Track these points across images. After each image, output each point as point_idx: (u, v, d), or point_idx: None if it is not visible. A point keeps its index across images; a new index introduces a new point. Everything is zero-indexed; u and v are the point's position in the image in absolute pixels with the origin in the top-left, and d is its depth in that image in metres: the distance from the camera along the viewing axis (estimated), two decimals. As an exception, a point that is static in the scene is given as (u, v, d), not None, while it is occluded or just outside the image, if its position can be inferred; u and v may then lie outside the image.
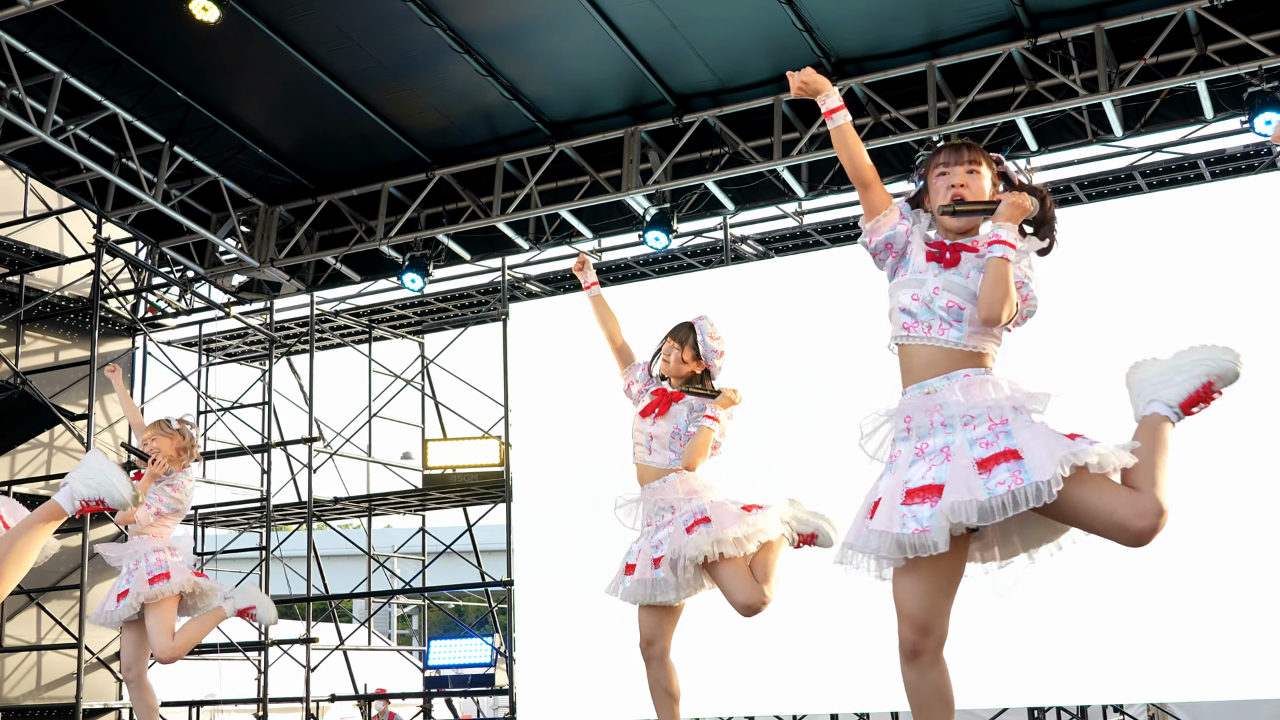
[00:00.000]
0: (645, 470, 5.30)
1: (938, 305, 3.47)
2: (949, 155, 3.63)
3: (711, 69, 9.51)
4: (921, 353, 3.49)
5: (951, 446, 3.32)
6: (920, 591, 3.32)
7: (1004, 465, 3.21)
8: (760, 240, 12.26)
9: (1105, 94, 8.77)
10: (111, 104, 10.07)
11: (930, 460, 3.34)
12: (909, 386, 3.51)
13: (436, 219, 11.13)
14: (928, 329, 3.48)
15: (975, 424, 3.33)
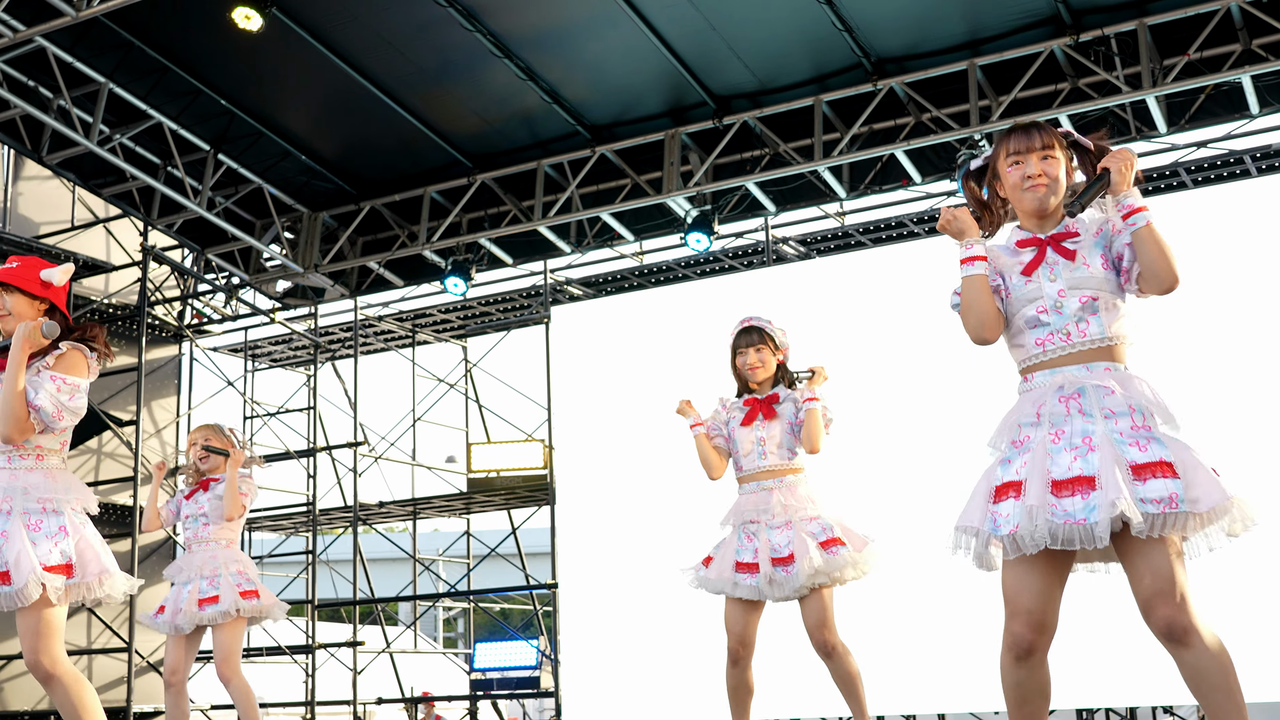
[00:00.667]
0: (757, 473, 5.36)
1: (1070, 307, 3.30)
2: (1020, 142, 3.41)
3: (751, 70, 9.50)
4: (1066, 360, 3.30)
5: (1094, 436, 3.15)
6: (1039, 585, 3.20)
7: (1159, 481, 3.07)
8: (802, 241, 12.23)
9: (1149, 90, 8.69)
10: (156, 113, 10.18)
11: (1072, 449, 3.17)
12: (1038, 374, 3.33)
13: (478, 223, 11.17)
14: (1066, 336, 3.30)
15: (1116, 417, 3.17)
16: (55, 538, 4.16)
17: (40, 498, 4.21)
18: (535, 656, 12.37)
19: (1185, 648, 3.04)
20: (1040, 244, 3.38)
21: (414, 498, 13.90)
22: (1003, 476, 3.25)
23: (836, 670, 5.17)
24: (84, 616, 12.22)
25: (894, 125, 9.63)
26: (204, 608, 6.44)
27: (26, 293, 4.33)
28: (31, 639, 4.13)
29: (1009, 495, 3.20)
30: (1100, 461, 3.10)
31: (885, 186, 10.24)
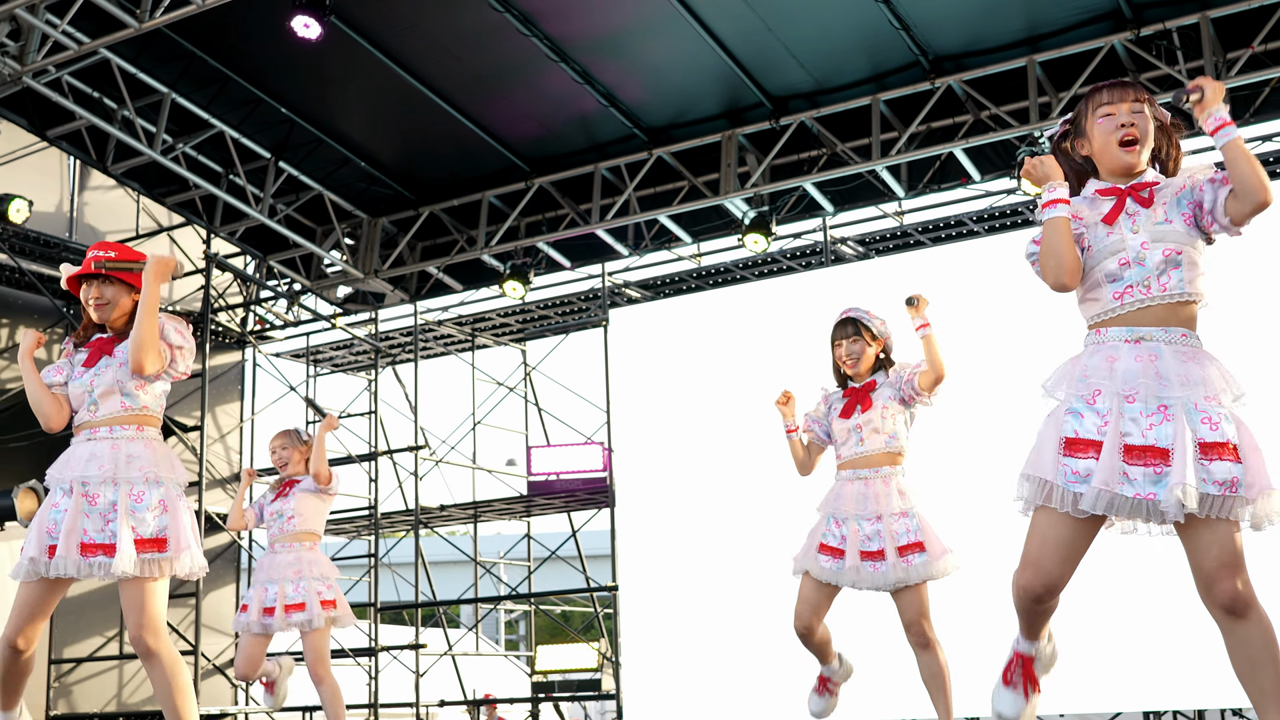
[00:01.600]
0: (854, 460, 5.36)
1: (1153, 260, 3.23)
2: (1112, 94, 3.36)
3: (808, 70, 9.47)
4: (1143, 314, 3.23)
5: (1170, 404, 3.10)
6: (1068, 548, 3.17)
7: (1223, 463, 3.04)
8: (860, 241, 12.17)
9: (1213, 84, 8.56)
10: (218, 122, 10.31)
11: (1147, 416, 3.11)
12: (1111, 328, 3.25)
13: (536, 227, 11.21)
14: (1146, 289, 3.22)
15: (1191, 385, 3.12)
16: (155, 510, 4.24)
17: (143, 467, 4.28)
18: (597, 659, 12.38)
19: (1243, 621, 3.03)
20: (1120, 193, 3.32)
21: (475, 501, 13.96)
22: (1076, 431, 3.17)
23: (927, 664, 5.16)
24: (151, 620, 12.36)
25: (952, 123, 9.56)
26: (290, 614, 6.62)
27: (126, 282, 4.45)
28: (136, 613, 4.21)
29: (1086, 453, 3.14)
30: (1175, 435, 3.05)
31: (944, 185, 10.17)
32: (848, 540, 5.19)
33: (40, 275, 11.51)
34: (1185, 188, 3.30)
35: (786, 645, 5.31)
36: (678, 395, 10.82)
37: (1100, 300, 3.29)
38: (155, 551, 4.20)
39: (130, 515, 4.20)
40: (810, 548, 5.32)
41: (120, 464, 4.26)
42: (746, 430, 10.33)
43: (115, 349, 4.37)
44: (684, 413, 10.75)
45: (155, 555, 4.20)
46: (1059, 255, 3.26)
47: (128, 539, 4.15)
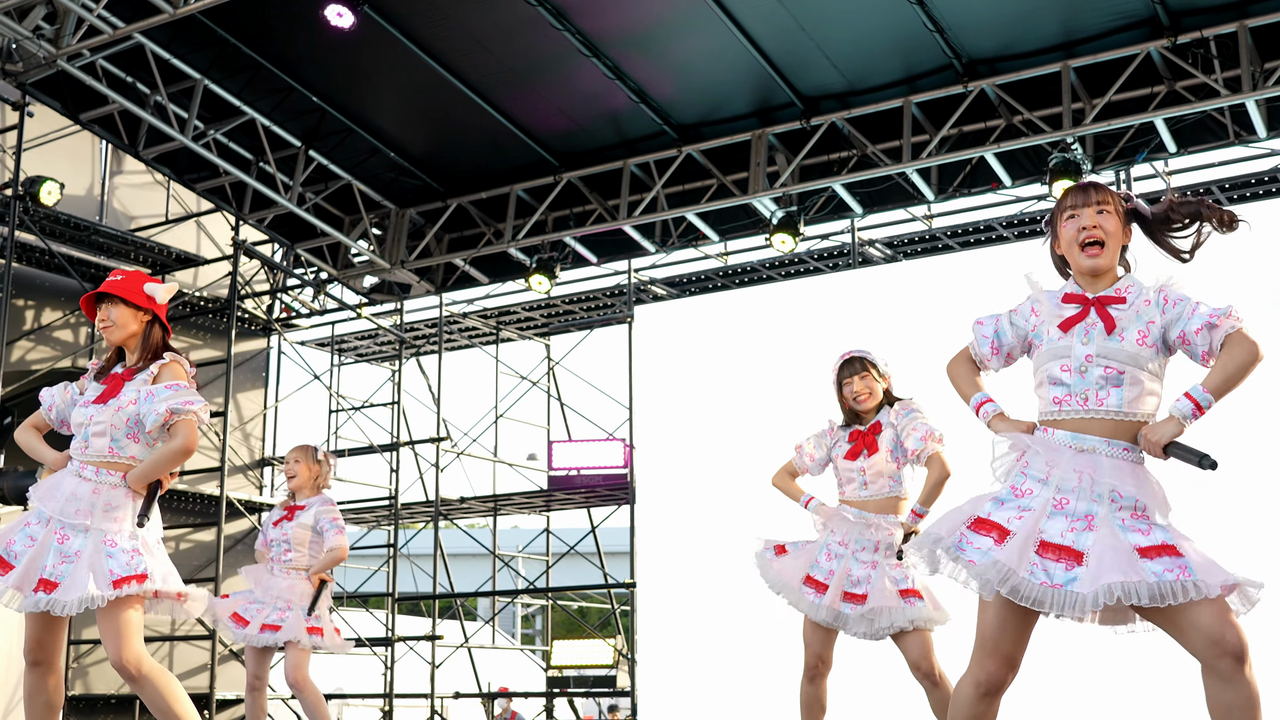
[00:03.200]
0: (858, 503, 5.41)
1: (1093, 375, 3.34)
2: (1075, 197, 3.47)
3: (840, 71, 9.43)
4: (1080, 424, 3.35)
5: (1096, 517, 3.22)
6: (1015, 631, 3.28)
7: (1167, 558, 3.13)
8: (888, 243, 12.12)
9: (1248, 94, 8.51)
10: (250, 109, 10.32)
11: (1071, 521, 3.23)
12: (1059, 431, 3.37)
13: (563, 222, 11.20)
14: (1084, 401, 3.34)
15: (1121, 505, 3.24)
16: (128, 554, 4.25)
17: (119, 519, 4.29)
18: (612, 655, 12.38)
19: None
20: (1086, 303, 3.43)
21: (495, 494, 13.97)
22: (991, 514, 3.30)
23: (938, 699, 5.18)
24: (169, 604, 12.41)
25: (984, 127, 9.51)
26: (264, 632, 6.66)
27: (129, 303, 4.45)
28: (115, 640, 4.21)
29: (989, 533, 3.26)
30: (1095, 542, 3.17)
31: (974, 189, 10.12)
32: (835, 576, 5.22)
33: (69, 258, 11.56)
34: (1151, 303, 3.40)
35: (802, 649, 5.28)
36: (701, 394, 10.80)
37: (1043, 399, 3.44)
38: (135, 584, 4.20)
39: (106, 558, 4.21)
40: (796, 571, 5.35)
41: (98, 512, 4.26)
42: (769, 430, 10.30)
43: (123, 391, 4.37)
44: (707, 411, 10.73)
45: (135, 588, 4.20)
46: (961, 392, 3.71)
47: (82, 579, 4.15)
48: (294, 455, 7.00)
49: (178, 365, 4.44)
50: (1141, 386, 3.33)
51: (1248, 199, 10.74)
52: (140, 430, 4.32)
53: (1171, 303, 3.38)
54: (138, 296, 4.45)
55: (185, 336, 13.23)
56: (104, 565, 4.18)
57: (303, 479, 6.94)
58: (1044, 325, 3.47)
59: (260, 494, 13.33)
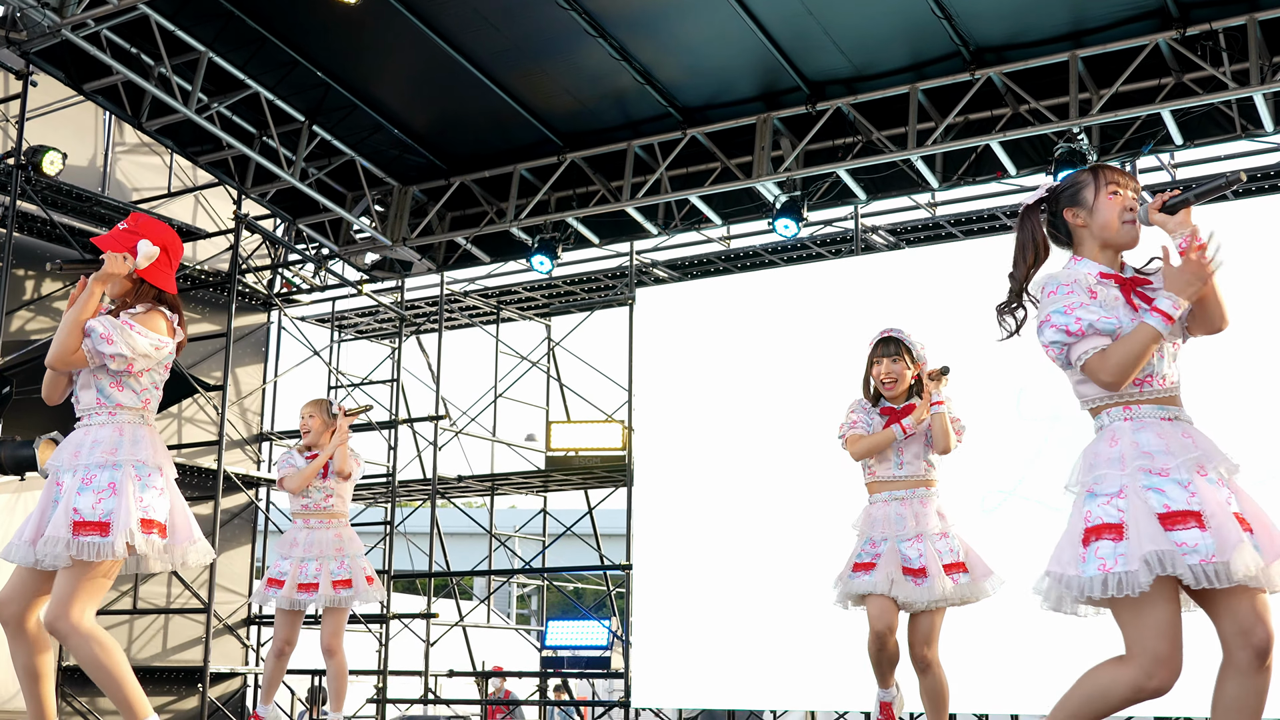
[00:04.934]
0: (891, 483, 5.42)
1: (1166, 351, 3.35)
2: (1120, 175, 3.43)
3: (847, 56, 9.40)
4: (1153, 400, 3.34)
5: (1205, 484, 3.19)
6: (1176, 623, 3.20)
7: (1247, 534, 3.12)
8: (891, 230, 12.10)
9: (1256, 87, 8.47)
10: (254, 83, 10.29)
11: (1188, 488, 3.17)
12: (1143, 405, 3.32)
13: (566, 202, 11.17)
14: (1163, 380, 3.35)
15: (1208, 467, 3.23)
16: (101, 493, 4.11)
17: (104, 451, 4.19)
18: (607, 637, 12.39)
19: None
20: (1124, 283, 3.39)
21: (492, 473, 13.97)
22: (1170, 505, 3.14)
23: (929, 685, 5.24)
24: (165, 576, 12.43)
25: (990, 116, 9.47)
26: (339, 590, 6.77)
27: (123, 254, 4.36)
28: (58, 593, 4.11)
29: (1189, 524, 3.12)
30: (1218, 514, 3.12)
31: (979, 178, 10.09)
32: (883, 556, 5.22)
33: (71, 228, 11.53)
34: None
35: (797, 634, 5.29)
36: (701, 377, 10.78)
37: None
38: (95, 535, 4.05)
39: (76, 497, 4.09)
40: (846, 571, 5.38)
41: (84, 449, 4.21)
42: (768, 416, 10.29)
43: None
44: (706, 395, 10.71)
45: (93, 539, 4.05)
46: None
47: (60, 523, 4.05)
48: (308, 410, 7.21)
49: (156, 315, 4.34)
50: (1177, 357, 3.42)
51: (1254, 193, 10.71)
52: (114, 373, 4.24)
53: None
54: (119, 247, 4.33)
55: (186, 309, 13.15)
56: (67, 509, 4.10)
57: (317, 432, 7.13)
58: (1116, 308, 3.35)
59: (258, 469, 13.33)
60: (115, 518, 4.07)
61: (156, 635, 12.41)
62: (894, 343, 5.51)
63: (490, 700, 14.28)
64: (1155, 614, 3.13)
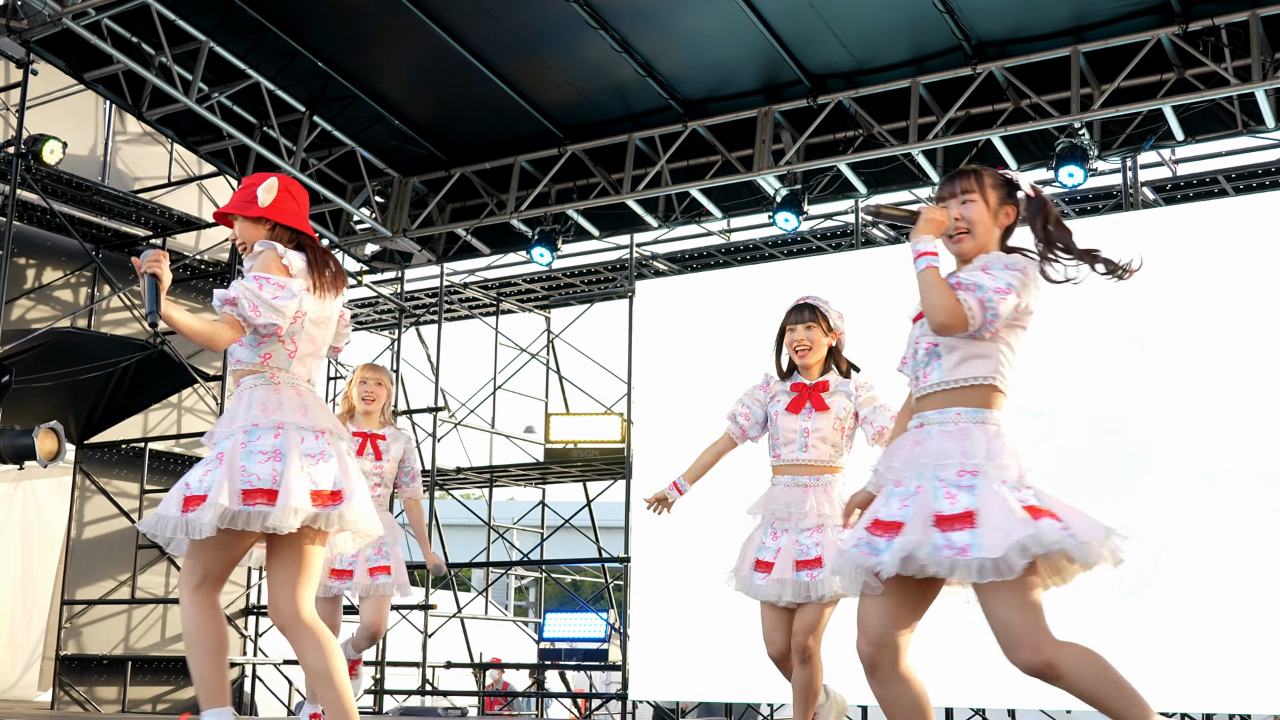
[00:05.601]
0: (794, 466, 5.11)
1: (920, 351, 3.54)
2: (944, 189, 3.60)
3: (848, 49, 9.39)
4: (921, 401, 3.51)
5: (922, 489, 3.33)
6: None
7: (962, 530, 3.20)
8: (891, 225, 12.07)
9: (1258, 83, 8.46)
10: (255, 73, 10.28)
11: (903, 498, 3.35)
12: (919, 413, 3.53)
13: (567, 194, 11.17)
14: (916, 380, 3.53)
15: (947, 467, 3.33)
16: (262, 457, 3.78)
17: (262, 412, 3.86)
18: (605, 629, 12.40)
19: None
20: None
21: (491, 465, 13.97)
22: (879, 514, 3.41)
23: (803, 678, 5.00)
24: (164, 565, 12.44)
25: (992, 110, 9.47)
26: (376, 576, 6.31)
27: (245, 218, 4.14)
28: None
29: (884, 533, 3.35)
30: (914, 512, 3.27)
31: (980, 173, 10.07)
32: (782, 553, 4.96)
33: (70, 217, 11.52)
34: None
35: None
36: (700, 370, 10.77)
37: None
38: (263, 503, 3.73)
39: (233, 463, 3.77)
40: (746, 565, 5.12)
41: (239, 413, 3.94)
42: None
43: None
44: (705, 388, 10.70)
45: (261, 508, 3.72)
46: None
47: (221, 490, 3.71)
48: (375, 375, 6.47)
49: (269, 254, 3.97)
50: (957, 352, 3.46)
51: (1254, 189, 10.71)
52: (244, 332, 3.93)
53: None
54: (249, 209, 4.08)
55: (186, 299, 13.20)
56: (224, 477, 3.75)
57: (380, 401, 6.48)
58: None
59: (257, 459, 13.31)
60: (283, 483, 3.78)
61: (155, 625, 12.41)
62: (808, 309, 5.12)
63: (488, 692, 14.29)
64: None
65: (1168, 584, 8.40)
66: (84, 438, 11.95)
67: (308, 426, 3.85)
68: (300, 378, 3.99)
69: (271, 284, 3.88)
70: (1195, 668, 8.36)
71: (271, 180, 4.05)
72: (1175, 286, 8.83)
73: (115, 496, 12.21)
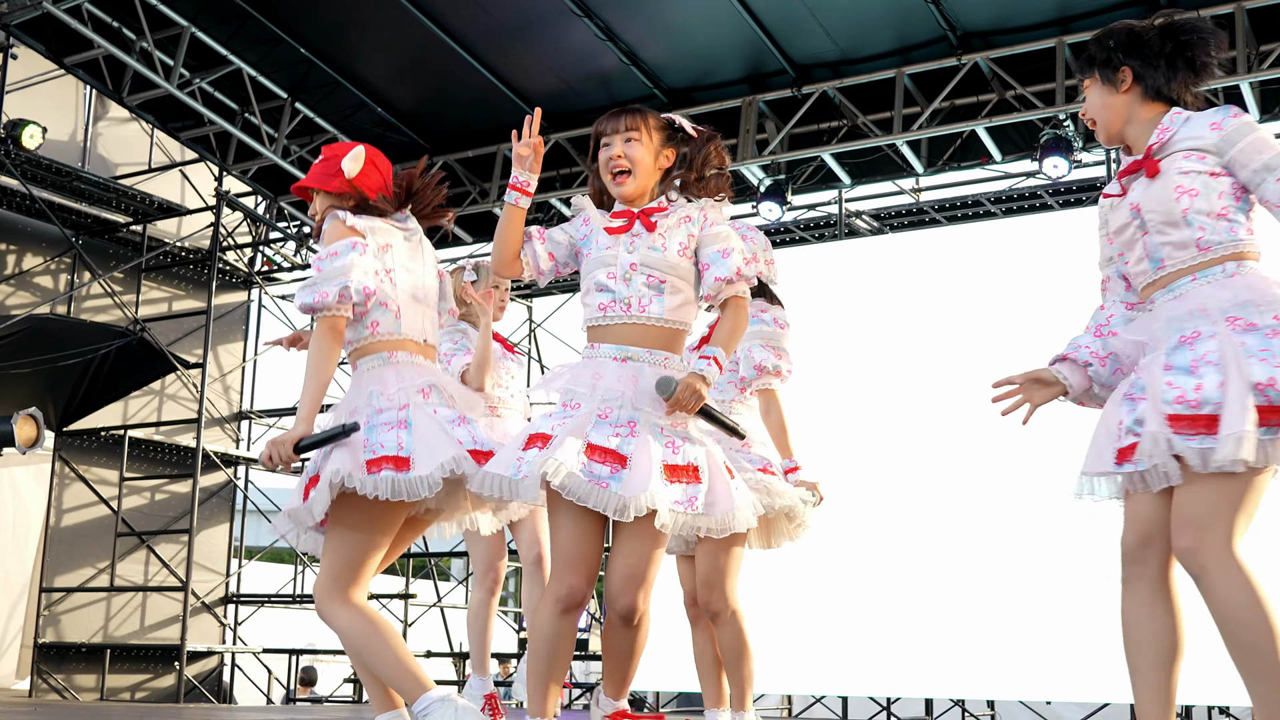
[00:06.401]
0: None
1: (637, 282, 3.38)
2: (606, 123, 3.56)
3: (833, 39, 9.37)
4: (624, 331, 3.38)
5: (637, 425, 3.30)
6: (589, 536, 3.33)
7: (685, 484, 3.26)
8: (875, 216, 12.08)
9: (1243, 76, 8.48)
10: (236, 59, 10.22)
11: (615, 428, 3.30)
12: (604, 345, 3.41)
13: (550, 183, 11.14)
14: (626, 306, 3.38)
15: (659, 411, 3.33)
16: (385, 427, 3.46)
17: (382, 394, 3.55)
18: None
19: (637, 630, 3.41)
20: (631, 216, 3.49)
21: (473, 454, 13.91)
22: (538, 429, 3.35)
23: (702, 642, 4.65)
24: (143, 554, 12.38)
25: (976, 101, 9.47)
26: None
27: (329, 192, 3.76)
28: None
29: (536, 444, 3.30)
30: (635, 449, 3.24)
31: (964, 164, 10.08)
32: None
33: (50, 203, 11.45)
34: (695, 223, 3.46)
35: (774, 618, 5.24)
36: (683, 360, 10.77)
37: (589, 306, 3.46)
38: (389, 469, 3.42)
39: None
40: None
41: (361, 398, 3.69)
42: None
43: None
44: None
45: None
46: (503, 243, 3.51)
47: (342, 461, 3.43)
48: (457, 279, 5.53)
49: (334, 224, 3.62)
50: (681, 294, 3.40)
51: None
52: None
53: (710, 223, 3.45)
54: (331, 183, 3.71)
55: (166, 286, 13.14)
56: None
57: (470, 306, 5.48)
58: (593, 234, 3.51)
59: (237, 447, 13.27)
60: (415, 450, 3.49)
61: (134, 613, 12.36)
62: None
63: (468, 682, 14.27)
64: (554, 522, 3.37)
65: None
66: (63, 425, 11.88)
67: (431, 406, 3.52)
68: (415, 335, 3.66)
69: (325, 257, 3.55)
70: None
71: (358, 149, 3.72)
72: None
73: (94, 484, 12.15)
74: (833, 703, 11.52)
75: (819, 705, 12.15)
